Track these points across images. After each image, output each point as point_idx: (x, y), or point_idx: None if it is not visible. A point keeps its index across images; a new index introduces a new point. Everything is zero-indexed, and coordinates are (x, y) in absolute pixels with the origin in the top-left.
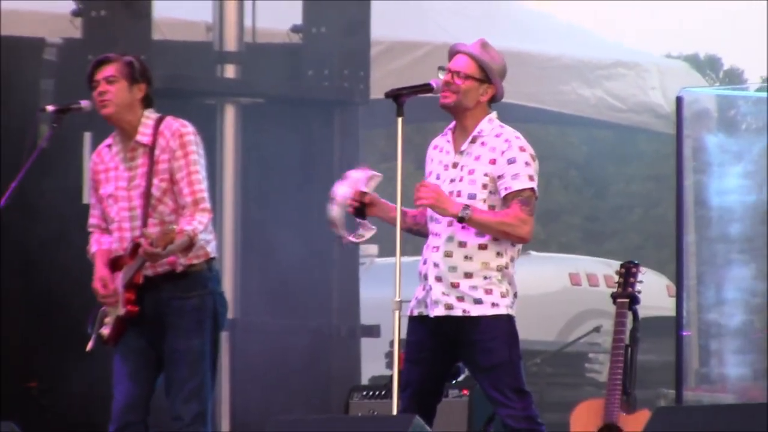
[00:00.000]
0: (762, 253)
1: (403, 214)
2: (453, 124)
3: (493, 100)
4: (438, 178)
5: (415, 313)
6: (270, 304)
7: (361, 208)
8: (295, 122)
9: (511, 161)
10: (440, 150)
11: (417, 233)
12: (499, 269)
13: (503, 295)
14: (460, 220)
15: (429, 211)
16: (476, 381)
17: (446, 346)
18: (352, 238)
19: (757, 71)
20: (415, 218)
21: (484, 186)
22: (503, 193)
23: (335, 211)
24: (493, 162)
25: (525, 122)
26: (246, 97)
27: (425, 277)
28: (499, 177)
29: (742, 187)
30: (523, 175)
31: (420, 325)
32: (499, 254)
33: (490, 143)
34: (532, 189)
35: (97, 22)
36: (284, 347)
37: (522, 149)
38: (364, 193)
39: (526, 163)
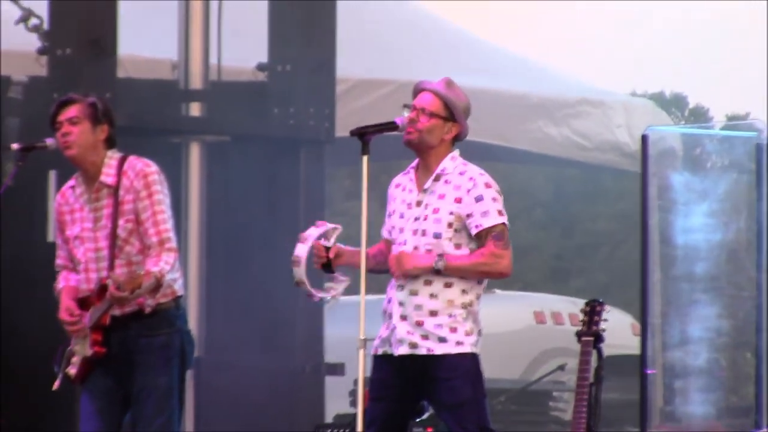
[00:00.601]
0: (727, 291)
1: (366, 255)
2: (416, 162)
3: (457, 139)
4: (402, 216)
5: (380, 351)
6: (235, 341)
7: (327, 263)
8: (260, 160)
9: (478, 199)
10: (403, 188)
11: (381, 272)
12: (464, 307)
13: (468, 334)
14: (437, 272)
15: (393, 249)
16: (441, 419)
17: (411, 384)
18: (324, 294)
19: (723, 109)
20: (376, 257)
21: (450, 225)
22: (474, 231)
23: (298, 273)
24: (458, 200)
25: (491, 160)
26: (211, 134)
27: (390, 316)
28: (468, 216)
29: (707, 225)
30: (492, 212)
31: (384, 363)
32: (464, 292)
33: (454, 181)
34: (503, 224)
35: (63, 61)
36: (249, 385)
37: (488, 185)
38: (327, 248)
39: (494, 199)
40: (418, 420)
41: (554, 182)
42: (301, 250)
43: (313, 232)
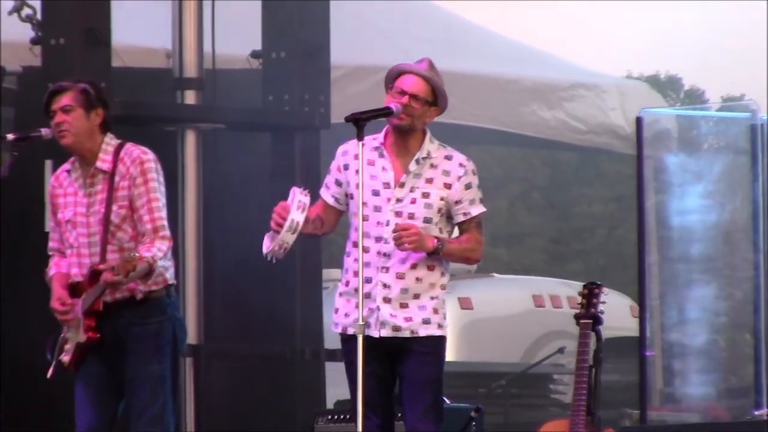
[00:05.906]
0: (724, 272)
1: (307, 219)
2: (382, 137)
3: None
4: (376, 194)
5: (350, 331)
6: (234, 329)
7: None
8: (255, 147)
9: (468, 187)
10: (370, 163)
11: (313, 235)
12: (443, 288)
13: (445, 317)
14: (435, 252)
15: (356, 224)
16: (400, 388)
17: (387, 356)
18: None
19: (718, 91)
20: (314, 222)
21: (439, 210)
22: (461, 218)
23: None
24: (448, 186)
25: (487, 144)
26: (206, 122)
27: (367, 296)
28: (457, 202)
29: (703, 206)
30: (477, 201)
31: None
32: (443, 274)
33: (441, 166)
34: (483, 212)
35: (56, 50)
36: (248, 372)
37: (474, 173)
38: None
39: (478, 187)
40: None
41: (550, 166)
42: (303, 199)
43: (302, 197)
